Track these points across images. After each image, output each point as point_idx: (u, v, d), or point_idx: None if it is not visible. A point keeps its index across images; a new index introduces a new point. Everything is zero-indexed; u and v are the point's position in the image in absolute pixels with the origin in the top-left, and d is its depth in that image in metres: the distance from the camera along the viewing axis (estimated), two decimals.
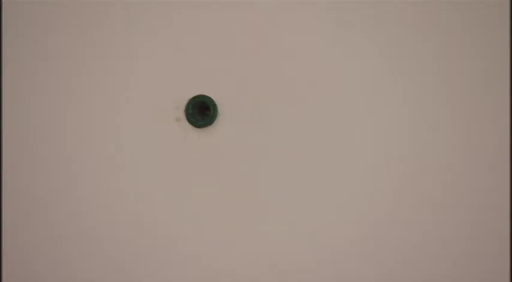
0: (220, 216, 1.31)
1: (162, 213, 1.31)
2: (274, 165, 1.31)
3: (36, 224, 1.31)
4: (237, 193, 1.31)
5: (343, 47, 1.31)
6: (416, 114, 1.30)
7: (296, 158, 1.31)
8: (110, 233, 1.31)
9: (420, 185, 1.30)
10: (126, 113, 1.32)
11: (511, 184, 1.29)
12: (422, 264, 1.30)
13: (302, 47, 1.31)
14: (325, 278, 1.30)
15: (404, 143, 1.30)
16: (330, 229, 1.31)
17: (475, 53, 1.31)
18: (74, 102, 1.32)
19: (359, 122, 1.31)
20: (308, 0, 1.31)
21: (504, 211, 1.30)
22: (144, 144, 1.32)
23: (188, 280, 1.31)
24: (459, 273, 1.30)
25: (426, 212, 1.30)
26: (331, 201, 1.31)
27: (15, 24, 1.32)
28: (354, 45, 1.31)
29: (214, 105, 1.25)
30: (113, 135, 1.32)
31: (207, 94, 1.28)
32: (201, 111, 1.29)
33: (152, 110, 1.32)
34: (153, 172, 1.31)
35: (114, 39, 1.32)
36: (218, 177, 1.31)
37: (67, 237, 1.31)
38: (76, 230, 1.31)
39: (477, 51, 1.31)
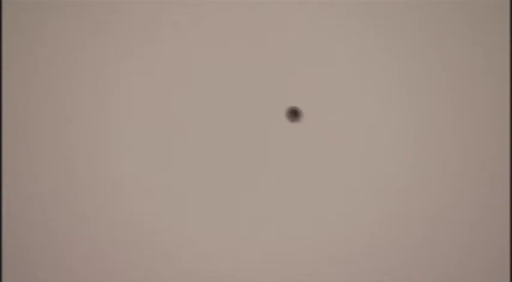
0: (224, 218, 1.32)
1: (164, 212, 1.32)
2: (276, 168, 1.31)
3: (33, 224, 1.31)
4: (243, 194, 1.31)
5: (344, 49, 1.31)
6: (418, 116, 1.31)
7: (301, 160, 1.31)
8: (109, 233, 1.32)
9: (424, 188, 1.30)
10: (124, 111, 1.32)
11: (511, 184, 1.29)
12: (423, 265, 1.30)
13: (303, 47, 1.31)
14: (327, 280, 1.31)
15: (407, 145, 1.30)
16: (333, 231, 1.31)
17: (477, 53, 1.31)
18: (71, 101, 1.32)
19: (362, 124, 1.31)
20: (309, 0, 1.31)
21: (505, 211, 1.30)
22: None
23: None
24: (460, 273, 1.30)
25: (432, 214, 1.30)
26: (335, 204, 1.31)
27: (13, 23, 1.32)
28: (354, 45, 1.31)
29: None
30: (110, 133, 1.32)
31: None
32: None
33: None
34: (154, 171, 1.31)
35: (113, 39, 1.32)
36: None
37: (65, 236, 1.32)
38: (75, 230, 1.31)
39: (478, 51, 1.31)
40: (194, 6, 1.32)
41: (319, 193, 1.31)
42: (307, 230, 1.31)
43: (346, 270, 1.31)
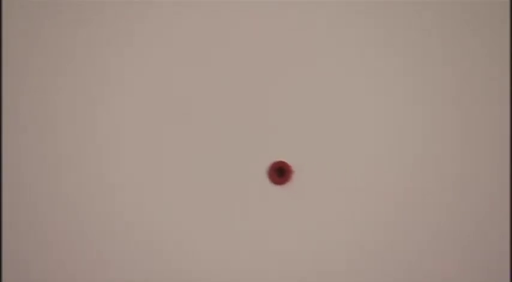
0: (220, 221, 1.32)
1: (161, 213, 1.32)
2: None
3: (32, 225, 1.32)
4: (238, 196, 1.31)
5: (346, 47, 1.31)
6: (419, 116, 1.31)
7: (304, 162, 1.31)
8: (104, 234, 1.32)
9: (424, 188, 1.30)
10: (124, 111, 1.32)
11: (511, 184, 1.29)
12: (424, 265, 1.30)
13: (303, 46, 1.31)
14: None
15: (406, 143, 1.31)
16: (331, 231, 1.31)
17: (477, 53, 1.31)
18: (67, 100, 1.32)
19: (364, 122, 1.31)
20: None
21: (505, 210, 1.30)
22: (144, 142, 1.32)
23: None
24: (460, 273, 1.30)
25: (436, 213, 1.30)
26: (335, 203, 1.31)
27: (10, 22, 1.32)
28: (356, 44, 1.31)
29: None
30: (108, 133, 1.32)
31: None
32: None
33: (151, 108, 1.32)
34: (155, 171, 1.31)
35: (109, 38, 1.32)
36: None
37: (62, 236, 1.32)
38: (72, 230, 1.32)
39: (479, 50, 1.31)
40: (191, 6, 1.32)
41: (318, 193, 1.31)
42: (305, 229, 1.31)
43: (343, 271, 1.31)
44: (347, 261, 1.30)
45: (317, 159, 1.31)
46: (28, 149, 1.31)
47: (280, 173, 1.23)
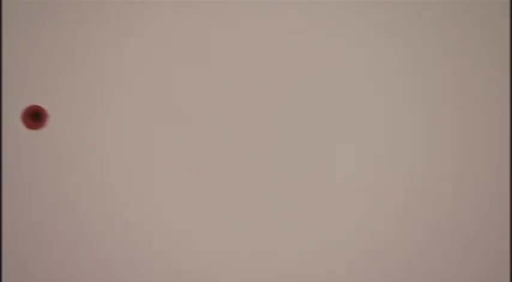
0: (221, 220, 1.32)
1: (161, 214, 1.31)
2: (277, 176, 1.31)
3: (31, 225, 1.31)
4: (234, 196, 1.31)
5: (346, 47, 1.31)
6: (418, 114, 1.31)
7: (297, 160, 1.31)
8: (104, 234, 1.32)
9: (424, 187, 1.30)
10: (122, 112, 1.32)
11: (511, 184, 1.29)
12: (424, 265, 1.30)
13: (303, 46, 1.31)
14: None
15: (406, 143, 1.30)
16: (329, 232, 1.31)
17: (477, 52, 1.31)
18: (67, 100, 1.32)
19: (364, 122, 1.31)
20: None
21: (505, 210, 1.30)
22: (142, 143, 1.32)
23: None
24: (460, 273, 1.30)
25: (436, 213, 1.30)
26: (334, 202, 1.31)
27: (10, 22, 1.32)
28: (356, 44, 1.31)
29: None
30: (106, 133, 1.32)
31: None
32: None
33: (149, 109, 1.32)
34: (152, 170, 1.31)
35: (109, 38, 1.32)
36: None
37: (60, 235, 1.32)
38: (70, 231, 1.32)
39: (479, 49, 1.31)
40: (191, 6, 1.32)
41: (318, 193, 1.31)
42: (305, 229, 1.31)
43: (343, 270, 1.31)
44: (347, 261, 1.30)
45: (317, 159, 1.31)
46: (28, 149, 1.31)
47: (36, 117, 1.20)
